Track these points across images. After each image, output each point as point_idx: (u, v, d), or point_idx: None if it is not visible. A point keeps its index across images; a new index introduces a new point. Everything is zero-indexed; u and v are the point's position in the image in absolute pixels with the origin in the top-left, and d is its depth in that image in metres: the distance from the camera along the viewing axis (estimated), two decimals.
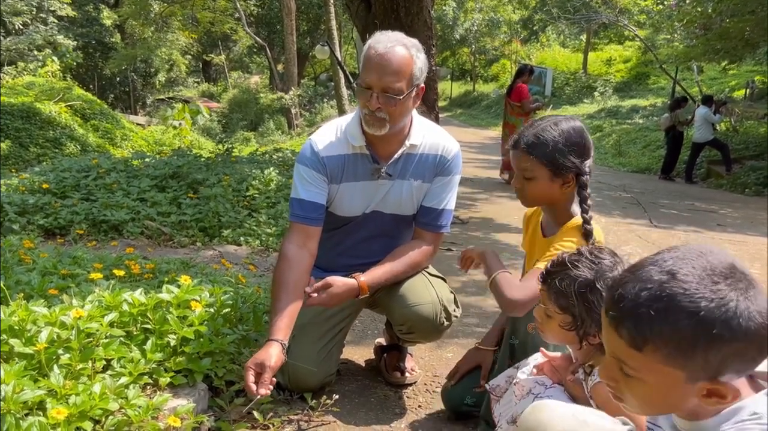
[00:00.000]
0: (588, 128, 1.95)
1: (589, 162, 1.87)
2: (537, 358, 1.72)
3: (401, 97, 1.95)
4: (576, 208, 1.90)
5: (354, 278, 2.05)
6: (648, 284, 0.91)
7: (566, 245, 1.78)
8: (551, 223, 1.95)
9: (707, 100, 11.41)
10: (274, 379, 1.85)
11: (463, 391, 2.11)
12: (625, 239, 5.53)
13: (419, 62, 1.98)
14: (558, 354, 1.68)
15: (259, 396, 1.81)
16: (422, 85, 2.03)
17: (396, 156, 2.10)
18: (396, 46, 1.94)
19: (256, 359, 1.83)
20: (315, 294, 1.99)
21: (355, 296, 2.04)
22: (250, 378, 1.80)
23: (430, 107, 5.36)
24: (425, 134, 2.14)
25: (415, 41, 2.01)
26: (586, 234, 1.81)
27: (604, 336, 0.99)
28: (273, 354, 1.84)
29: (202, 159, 6.00)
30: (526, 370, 1.72)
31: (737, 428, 0.91)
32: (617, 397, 1.02)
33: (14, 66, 19.64)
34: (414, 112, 2.11)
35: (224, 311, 2.23)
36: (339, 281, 2.01)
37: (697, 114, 11.25)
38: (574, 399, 1.57)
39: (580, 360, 1.59)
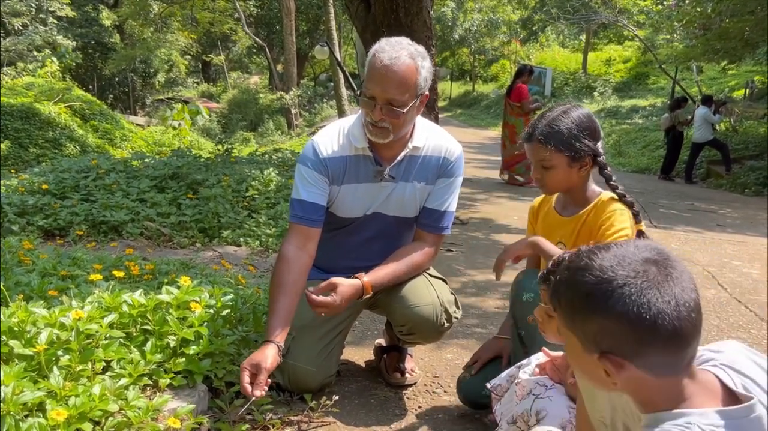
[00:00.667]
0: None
1: (601, 143, 1.96)
2: (539, 357, 1.72)
3: (404, 110, 1.95)
4: (593, 186, 2.00)
5: (357, 278, 2.04)
6: (572, 261, 1.04)
7: (617, 213, 1.88)
8: (570, 205, 2.02)
9: (707, 101, 11.41)
10: (269, 380, 1.84)
11: (482, 382, 2.10)
12: None
13: (424, 71, 1.97)
14: (560, 353, 1.68)
15: (254, 398, 1.80)
16: (426, 92, 2.03)
17: (399, 158, 2.10)
18: (401, 56, 1.92)
19: (251, 360, 1.83)
20: (318, 297, 1.95)
21: (360, 296, 2.03)
22: (246, 379, 1.80)
23: (429, 108, 5.35)
24: (428, 136, 2.14)
25: (421, 49, 1.99)
26: (629, 204, 1.92)
27: None
28: (269, 355, 1.84)
29: (202, 160, 5.99)
30: (528, 370, 1.72)
31: (662, 428, 0.96)
32: (548, 328, 1.26)
33: (14, 67, 19.65)
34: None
35: (224, 312, 2.22)
36: (344, 282, 1.99)
37: (696, 114, 11.25)
38: (574, 400, 1.57)
39: None
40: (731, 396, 0.99)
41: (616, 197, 1.94)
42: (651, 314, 0.92)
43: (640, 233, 1.89)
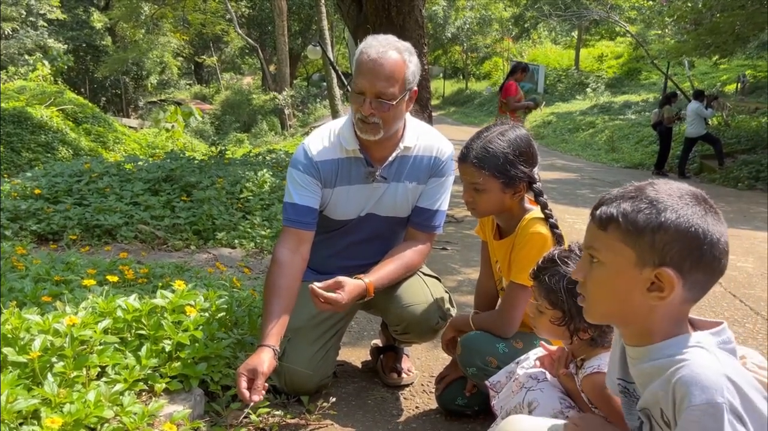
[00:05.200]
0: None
1: (536, 169, 1.90)
2: (537, 352, 1.73)
3: (394, 103, 1.94)
4: (525, 205, 1.94)
5: (360, 278, 2.02)
6: (629, 187, 1.12)
7: (534, 238, 1.83)
8: (506, 224, 1.98)
9: (699, 95, 11.45)
10: (267, 385, 1.84)
11: (455, 392, 2.12)
12: None
13: (412, 66, 1.97)
14: (556, 347, 1.69)
15: (252, 403, 1.80)
16: (415, 88, 2.03)
17: (390, 159, 2.10)
18: (388, 50, 1.93)
19: (248, 365, 1.83)
20: (325, 293, 1.92)
21: (363, 297, 2.02)
22: (243, 384, 1.79)
23: (423, 106, 5.35)
24: (419, 136, 2.14)
25: (407, 45, 2.00)
26: (552, 226, 1.85)
27: (586, 234, 1.17)
28: (265, 360, 1.83)
29: (196, 161, 5.98)
30: (526, 365, 1.74)
31: (683, 355, 1.05)
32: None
33: (5, 70, 19.55)
34: (407, 114, 2.10)
35: (219, 315, 2.21)
36: (350, 282, 1.97)
37: (689, 109, 11.28)
38: (568, 391, 1.59)
39: (572, 355, 1.61)
40: (693, 326, 1.12)
41: (540, 216, 1.88)
42: (717, 231, 1.04)
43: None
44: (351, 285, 1.96)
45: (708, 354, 1.03)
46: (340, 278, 1.97)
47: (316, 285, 1.92)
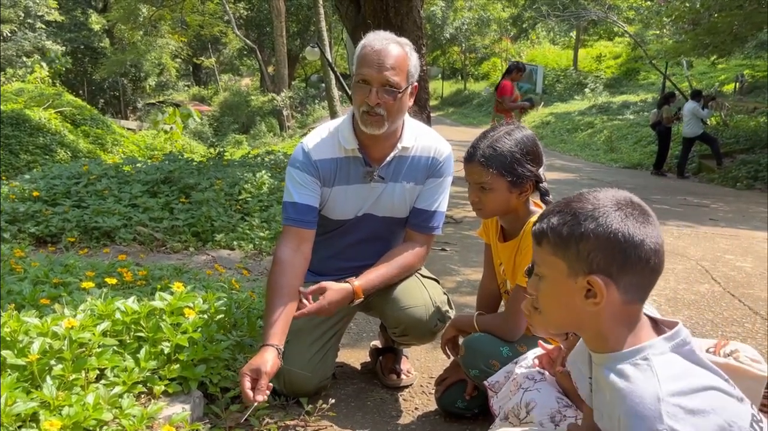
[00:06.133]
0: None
1: (542, 169, 1.91)
2: (536, 352, 1.74)
3: (400, 92, 1.95)
4: (530, 207, 1.94)
5: (348, 282, 2.03)
6: (561, 201, 1.15)
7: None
8: (511, 226, 1.98)
9: (696, 95, 11.46)
10: (271, 385, 1.84)
11: (455, 394, 2.12)
12: None
13: (413, 59, 2.01)
14: (553, 346, 1.69)
15: (256, 403, 1.79)
16: (416, 83, 2.05)
17: (388, 159, 2.10)
18: (390, 43, 1.96)
19: (251, 365, 1.82)
20: (306, 302, 1.96)
21: (350, 301, 2.03)
22: (246, 384, 1.78)
23: (421, 107, 5.36)
24: (417, 136, 2.14)
25: (407, 40, 2.03)
26: None
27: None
28: (268, 359, 1.83)
29: (194, 163, 5.98)
30: (524, 364, 1.74)
31: (623, 370, 1.08)
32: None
33: (3, 73, 19.54)
34: (406, 114, 2.11)
35: (218, 317, 2.21)
36: (334, 287, 1.99)
37: (685, 109, 11.29)
38: (564, 390, 1.59)
39: (568, 352, 1.61)
40: (656, 325, 1.15)
41: None
42: (639, 233, 1.07)
43: None
44: (333, 291, 1.98)
45: (650, 374, 1.05)
46: (324, 283, 1.99)
47: (300, 289, 1.96)
